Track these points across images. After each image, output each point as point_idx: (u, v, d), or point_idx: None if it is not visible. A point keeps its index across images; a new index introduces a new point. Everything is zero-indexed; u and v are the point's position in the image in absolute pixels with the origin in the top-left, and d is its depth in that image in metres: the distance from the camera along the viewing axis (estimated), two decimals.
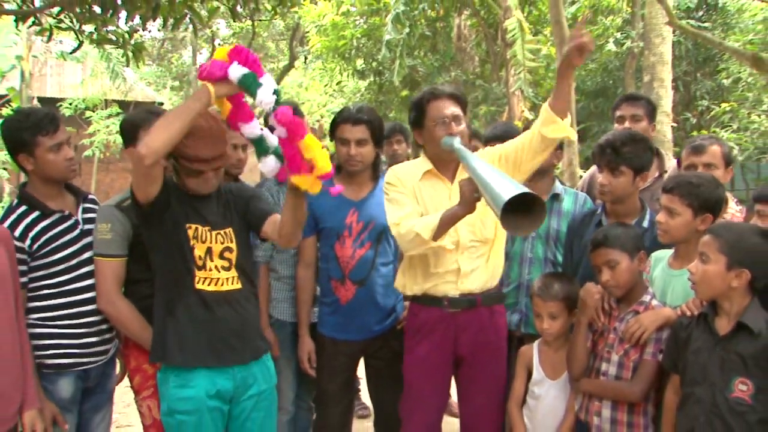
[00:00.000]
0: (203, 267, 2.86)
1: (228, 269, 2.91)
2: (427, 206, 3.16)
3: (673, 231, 2.86)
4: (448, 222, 2.93)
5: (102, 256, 3.05)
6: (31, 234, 2.92)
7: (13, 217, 2.94)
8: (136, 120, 3.18)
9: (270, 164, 2.75)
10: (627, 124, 3.93)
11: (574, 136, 3.09)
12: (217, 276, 2.88)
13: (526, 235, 3.46)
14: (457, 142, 3.06)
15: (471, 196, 2.82)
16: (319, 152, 2.58)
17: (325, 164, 2.58)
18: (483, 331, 3.20)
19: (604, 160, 3.18)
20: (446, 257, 3.14)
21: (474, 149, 3.50)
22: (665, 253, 2.99)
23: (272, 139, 2.72)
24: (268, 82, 2.58)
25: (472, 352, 3.20)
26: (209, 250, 2.87)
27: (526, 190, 2.55)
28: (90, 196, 3.24)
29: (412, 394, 3.30)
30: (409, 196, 3.17)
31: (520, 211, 2.58)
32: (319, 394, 3.68)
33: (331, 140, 3.69)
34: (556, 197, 3.67)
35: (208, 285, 2.86)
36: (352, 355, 3.58)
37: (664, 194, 2.90)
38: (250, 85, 2.55)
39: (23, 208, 2.97)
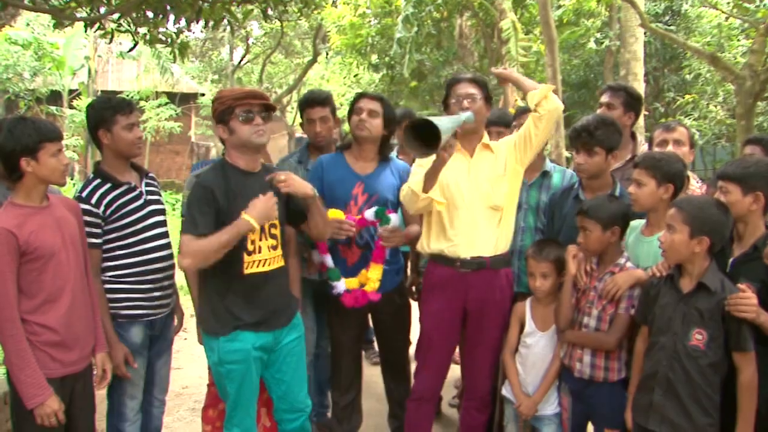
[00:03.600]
0: (254, 251, 2.82)
1: (275, 248, 2.90)
2: (452, 177, 3.15)
3: (641, 200, 2.87)
4: (431, 173, 2.97)
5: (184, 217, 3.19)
6: (105, 201, 2.99)
7: (90, 187, 3.02)
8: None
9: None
10: (601, 111, 3.84)
11: (560, 103, 3.17)
12: (267, 257, 2.87)
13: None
14: (469, 114, 3.07)
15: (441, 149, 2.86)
16: (376, 274, 3.36)
17: (373, 285, 3.36)
18: (489, 291, 3.19)
19: (580, 142, 3.17)
20: (459, 223, 3.15)
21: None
22: (638, 223, 3.00)
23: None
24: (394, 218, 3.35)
25: (478, 308, 3.21)
26: (262, 230, 2.83)
27: (435, 121, 2.63)
28: (150, 174, 3.30)
29: (425, 341, 3.32)
30: (427, 167, 3.13)
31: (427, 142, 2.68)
32: (333, 345, 3.68)
33: (348, 121, 3.67)
34: (545, 174, 3.65)
35: (257, 267, 2.84)
36: (362, 311, 3.54)
37: (634, 169, 2.91)
38: (381, 215, 3.31)
39: (98, 180, 3.05)
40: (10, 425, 2.84)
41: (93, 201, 2.97)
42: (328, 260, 3.40)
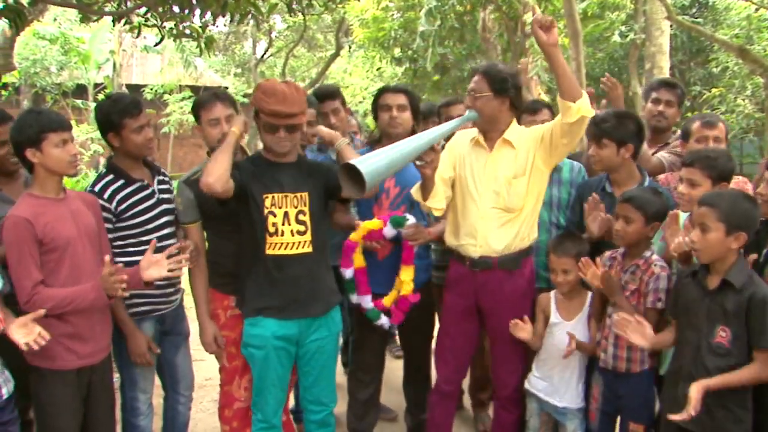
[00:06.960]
0: (275, 233, 2.89)
1: (303, 234, 2.93)
2: (468, 172, 3.12)
3: (696, 200, 2.70)
4: (424, 185, 3.00)
5: (181, 223, 3.19)
6: (117, 198, 2.98)
7: (102, 183, 3.01)
8: (199, 101, 3.20)
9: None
10: (661, 108, 3.81)
11: (591, 113, 2.88)
12: (290, 240, 2.91)
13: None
14: (471, 113, 3.05)
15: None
16: (408, 275, 3.32)
17: (408, 287, 3.33)
18: (500, 290, 3.13)
19: (590, 134, 3.18)
20: (469, 221, 3.11)
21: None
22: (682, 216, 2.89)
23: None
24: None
25: (492, 307, 3.18)
26: (286, 215, 2.90)
27: (358, 165, 2.55)
28: (163, 171, 3.29)
29: (443, 338, 3.32)
30: (447, 162, 3.12)
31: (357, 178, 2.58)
32: (356, 338, 3.67)
33: (374, 118, 3.70)
34: (556, 168, 3.54)
35: (280, 249, 2.90)
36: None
37: (684, 168, 2.83)
38: (398, 223, 3.28)
39: (110, 176, 3.03)
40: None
41: (105, 196, 2.96)
42: (366, 302, 3.39)
